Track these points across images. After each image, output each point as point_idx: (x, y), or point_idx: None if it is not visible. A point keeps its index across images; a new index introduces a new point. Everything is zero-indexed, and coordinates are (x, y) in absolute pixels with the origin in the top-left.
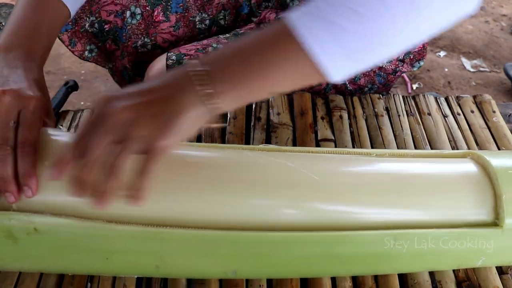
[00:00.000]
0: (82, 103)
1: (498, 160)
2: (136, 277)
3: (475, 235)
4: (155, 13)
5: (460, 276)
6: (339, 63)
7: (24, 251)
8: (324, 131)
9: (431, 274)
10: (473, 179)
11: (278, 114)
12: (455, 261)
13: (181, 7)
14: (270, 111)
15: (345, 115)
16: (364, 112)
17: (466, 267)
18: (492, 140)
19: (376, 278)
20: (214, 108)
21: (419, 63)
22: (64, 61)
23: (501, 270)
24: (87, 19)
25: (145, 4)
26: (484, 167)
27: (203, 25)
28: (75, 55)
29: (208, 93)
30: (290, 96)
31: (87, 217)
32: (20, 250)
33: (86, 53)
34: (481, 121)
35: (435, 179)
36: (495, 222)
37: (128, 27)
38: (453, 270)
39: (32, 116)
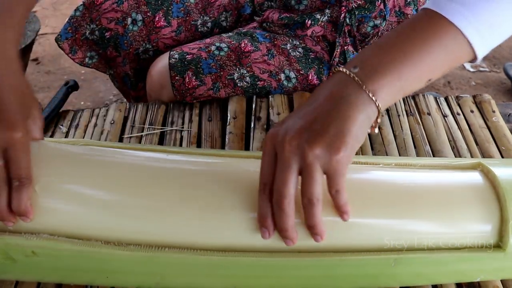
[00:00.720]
0: (82, 103)
1: (509, 176)
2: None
3: (477, 257)
4: (157, 19)
5: None
6: (486, 42)
7: (23, 269)
8: None
9: None
10: (480, 198)
11: (278, 114)
12: (455, 278)
13: (183, 11)
14: (270, 111)
15: None
16: None
17: (465, 282)
18: (491, 139)
19: None
20: (374, 108)
21: None
22: (64, 61)
23: None
24: (87, 26)
25: (146, 10)
26: (493, 185)
27: (205, 28)
28: (75, 62)
29: (366, 92)
30: (289, 96)
31: (85, 237)
32: (19, 269)
33: (87, 59)
34: (481, 121)
35: (440, 196)
36: (499, 244)
37: (129, 34)
38: None
39: (19, 154)
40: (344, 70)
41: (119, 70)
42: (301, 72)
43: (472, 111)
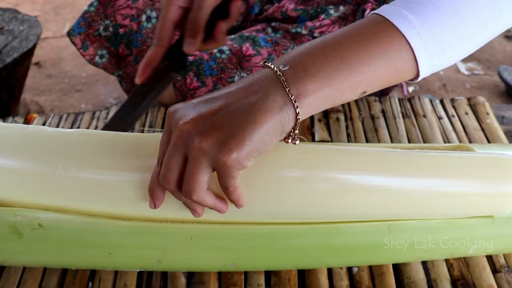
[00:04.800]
0: (83, 105)
1: (487, 150)
2: (136, 276)
3: (466, 224)
4: None
5: (454, 275)
6: (431, 58)
7: (29, 246)
8: (321, 133)
9: (426, 272)
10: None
11: None
12: (447, 250)
13: None
14: None
15: (341, 117)
16: (360, 114)
17: (458, 256)
18: (486, 141)
19: (372, 276)
20: (292, 115)
21: None
22: (65, 65)
23: (494, 269)
24: (102, 22)
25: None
26: None
27: None
28: (86, 59)
29: (289, 95)
30: None
31: (90, 214)
32: (25, 245)
33: (97, 58)
34: (475, 123)
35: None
36: None
37: (143, 31)
38: (448, 269)
39: None
40: (272, 66)
41: (129, 69)
42: None
43: (466, 113)
